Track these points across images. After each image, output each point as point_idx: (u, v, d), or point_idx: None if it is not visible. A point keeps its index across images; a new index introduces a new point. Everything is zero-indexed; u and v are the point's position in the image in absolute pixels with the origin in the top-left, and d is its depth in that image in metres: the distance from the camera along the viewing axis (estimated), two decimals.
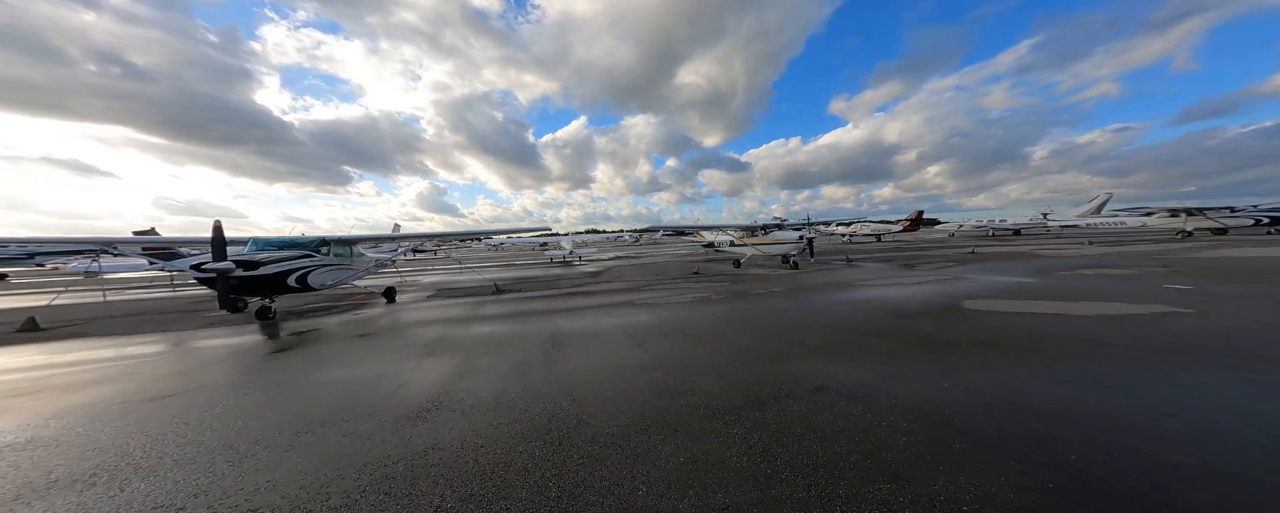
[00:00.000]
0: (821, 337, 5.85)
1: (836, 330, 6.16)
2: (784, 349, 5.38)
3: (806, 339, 5.78)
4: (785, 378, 4.29)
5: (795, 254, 15.31)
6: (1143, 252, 16.43)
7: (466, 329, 7.45)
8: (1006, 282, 10.20)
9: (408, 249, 39.20)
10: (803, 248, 14.89)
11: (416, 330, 7.49)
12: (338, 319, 8.92)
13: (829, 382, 4.12)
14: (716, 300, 9.28)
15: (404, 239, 12.21)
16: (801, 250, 15.11)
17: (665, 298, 10.03)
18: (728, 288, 11.19)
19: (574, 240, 28.64)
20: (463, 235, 12.97)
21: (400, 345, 6.44)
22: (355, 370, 5.17)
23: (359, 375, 4.95)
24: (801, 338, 5.85)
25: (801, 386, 4.07)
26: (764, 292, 10.26)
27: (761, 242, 15.95)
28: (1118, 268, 11.84)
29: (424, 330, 7.47)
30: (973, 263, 14.82)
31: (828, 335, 5.90)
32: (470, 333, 7.13)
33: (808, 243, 14.73)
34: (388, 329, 7.71)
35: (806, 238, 14.62)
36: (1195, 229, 26.43)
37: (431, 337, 6.88)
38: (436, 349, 6.12)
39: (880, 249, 25.62)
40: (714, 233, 21.18)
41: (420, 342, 6.59)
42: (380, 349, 6.26)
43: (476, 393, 4.29)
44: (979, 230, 42.88)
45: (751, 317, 7.45)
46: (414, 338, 6.89)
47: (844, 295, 9.22)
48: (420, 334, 7.16)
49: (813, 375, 4.33)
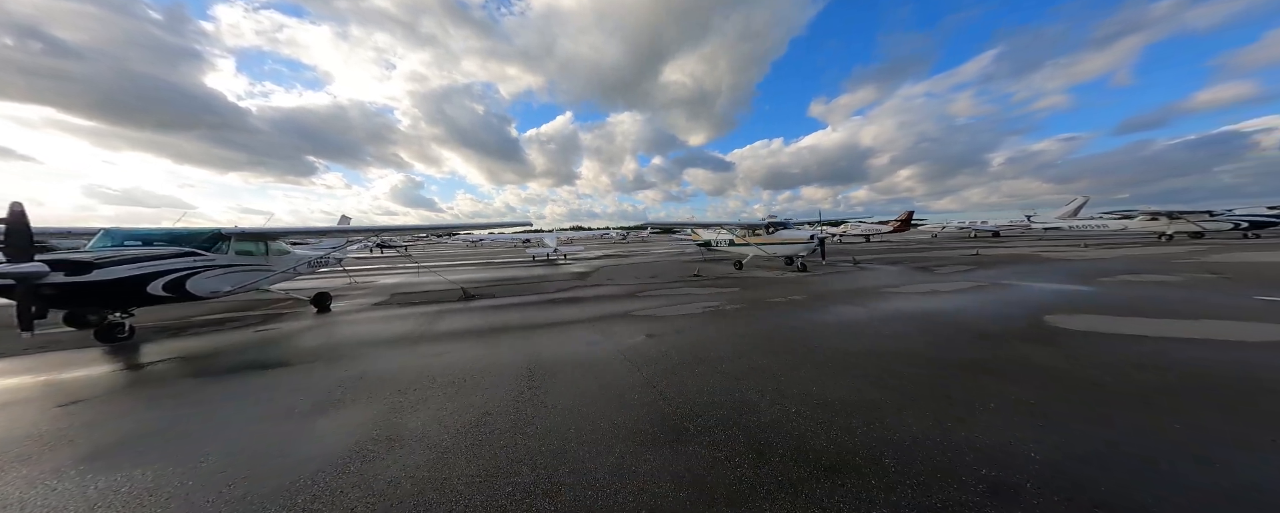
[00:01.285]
0: (904, 371, 4.23)
1: (918, 360, 4.57)
2: (864, 395, 3.73)
3: (885, 375, 4.16)
4: (912, 454, 2.62)
5: (805, 256, 13.89)
6: (1154, 255, 15.80)
7: (410, 356, 5.50)
8: (1061, 290, 8.93)
9: (368, 245, 35.95)
10: (814, 249, 13.48)
11: (337, 358, 5.49)
12: (232, 338, 6.78)
13: (994, 467, 2.47)
14: (733, 313, 7.61)
15: (351, 233, 10.00)
16: (812, 252, 13.71)
17: (669, 308, 8.30)
18: (740, 295, 9.56)
19: (559, 237, 26.56)
20: (429, 229, 10.84)
21: (296, 386, 4.47)
22: (177, 446, 3.20)
23: (175, 454, 2.99)
24: (877, 373, 4.21)
25: (955, 474, 2.41)
26: (784, 301, 8.67)
27: (766, 241, 14.43)
28: (1157, 274, 10.85)
29: (348, 358, 5.48)
30: (991, 266, 13.73)
31: (914, 370, 4.28)
32: (414, 363, 5.20)
33: (819, 244, 13.34)
34: (294, 356, 5.68)
35: (819, 238, 13.22)
36: (1175, 232, 26.63)
37: (352, 372, 4.90)
38: (351, 393, 4.19)
39: (877, 250, 24.68)
40: (711, 231, 19.61)
41: (332, 380, 4.62)
42: (256, 394, 4.29)
43: (386, 492, 2.44)
44: (961, 232, 43.19)
45: (788, 337, 5.80)
46: (327, 372, 4.92)
47: (887, 306, 7.70)
48: (339, 365, 5.18)
49: (951, 448, 2.68)
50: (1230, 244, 20.13)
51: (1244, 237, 25.60)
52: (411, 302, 9.96)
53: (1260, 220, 25.71)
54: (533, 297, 10.46)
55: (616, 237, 63.34)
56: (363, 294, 11.52)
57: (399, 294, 11.37)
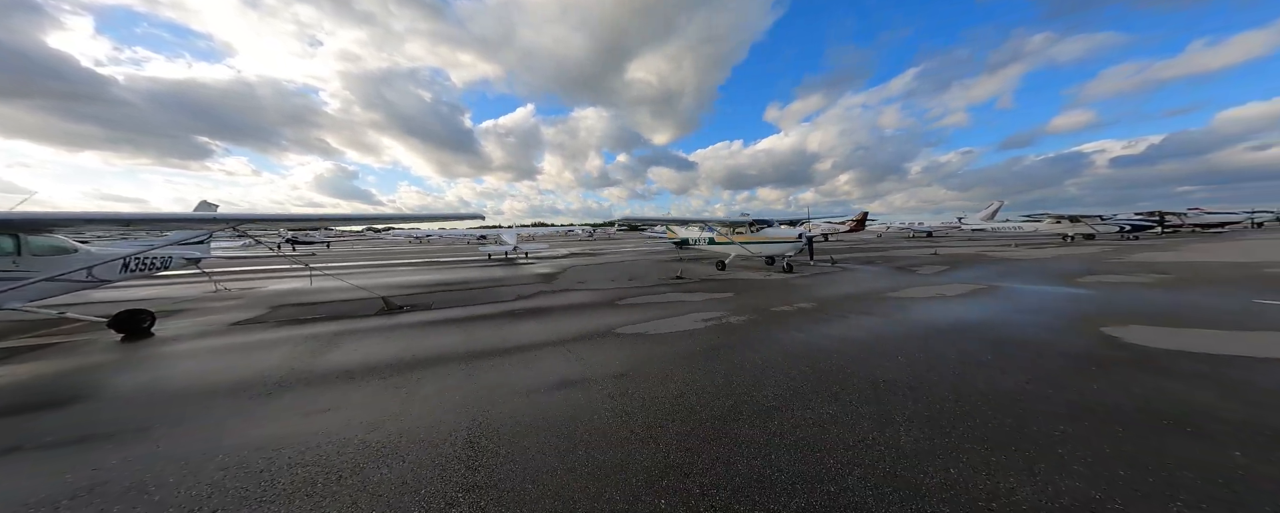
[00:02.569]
0: (1049, 431, 2.72)
1: (1040, 405, 3.07)
2: (1049, 487, 2.22)
3: (1027, 435, 2.67)
4: None
5: (792, 255, 12.87)
6: (1080, 255, 16.47)
7: (259, 418, 3.26)
8: (1065, 293, 8.23)
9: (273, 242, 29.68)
10: (801, 248, 12.49)
11: (97, 428, 3.12)
12: None
13: None
14: (742, 328, 6.03)
15: (201, 223, 6.99)
16: (799, 251, 12.73)
17: (662, 321, 6.55)
18: (738, 302, 8.05)
19: (519, 234, 23.88)
20: (337, 219, 8.15)
21: None
22: None
23: None
24: (1012, 434, 2.67)
25: None
26: (792, 310, 7.28)
27: (750, 240, 13.22)
28: (1116, 274, 10.74)
29: (126, 429, 3.12)
30: (963, 266, 13.53)
31: (1058, 425, 2.78)
32: (256, 436, 3.00)
33: (807, 243, 12.38)
34: (11, 432, 3.21)
35: (807, 237, 12.24)
36: (1075, 234, 29.85)
37: (106, 465, 2.64)
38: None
39: (839, 248, 24.77)
40: (687, 229, 18.21)
41: (35, 490, 2.35)
42: None
43: None
44: (902, 232, 46.42)
45: (834, 367, 4.18)
46: (44, 463, 2.60)
47: (913, 317, 6.41)
48: (91, 448, 2.85)
49: None
50: (1121, 245, 22.27)
51: (1125, 238, 29.17)
52: (298, 319, 7.30)
53: (1139, 225, 30.34)
54: (483, 307, 8.24)
55: (582, 234, 60.58)
56: (225, 308, 8.55)
57: (284, 306, 8.58)
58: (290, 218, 6.88)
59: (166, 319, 7.35)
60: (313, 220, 8.24)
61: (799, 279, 11.06)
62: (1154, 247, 19.97)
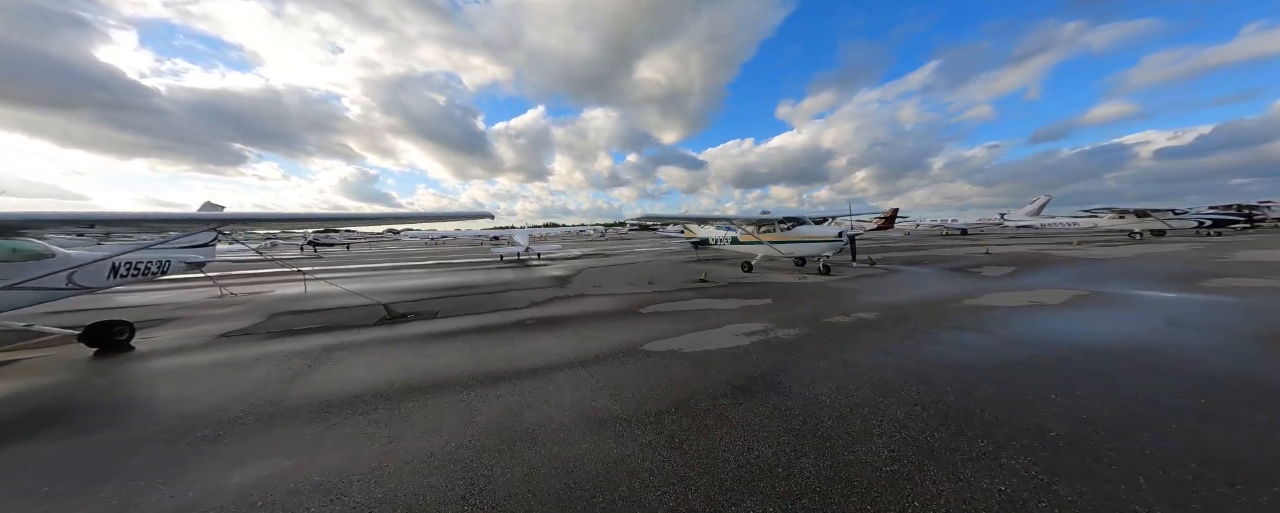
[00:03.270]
0: None
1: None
2: None
3: None
4: None
5: (831, 256, 11.56)
6: (1170, 253, 14.79)
7: (168, 483, 2.46)
8: (1202, 301, 6.83)
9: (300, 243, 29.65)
10: (841, 248, 11.25)
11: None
12: None
13: None
14: (798, 345, 5.00)
15: (202, 224, 6.37)
16: (839, 251, 11.45)
17: (697, 336, 5.56)
18: (780, 310, 6.99)
19: (531, 234, 23.23)
20: (344, 219, 7.44)
21: None
22: None
23: None
24: None
25: None
26: (851, 320, 6.20)
27: (781, 239, 12.08)
28: (1240, 277, 9.24)
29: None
30: (1032, 267, 12.06)
31: None
32: (182, 497, 2.19)
33: (849, 242, 11.07)
34: None
35: (848, 236, 10.95)
36: (1142, 230, 27.25)
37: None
38: None
39: (870, 247, 23.31)
40: (706, 227, 17.16)
41: None
42: None
43: None
44: (934, 229, 44.10)
45: (950, 409, 3.16)
46: None
47: (1025, 332, 5.26)
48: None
49: None
50: (1209, 242, 20.14)
51: (1206, 234, 26.56)
52: (292, 329, 6.62)
53: (1221, 219, 27.32)
54: (492, 316, 7.42)
55: (594, 234, 60.01)
56: (219, 316, 7.95)
57: (281, 314, 7.93)
58: (275, 218, 6.19)
59: (152, 330, 6.78)
60: (304, 220, 7.58)
61: (841, 283, 9.92)
62: (1250, 243, 17.48)
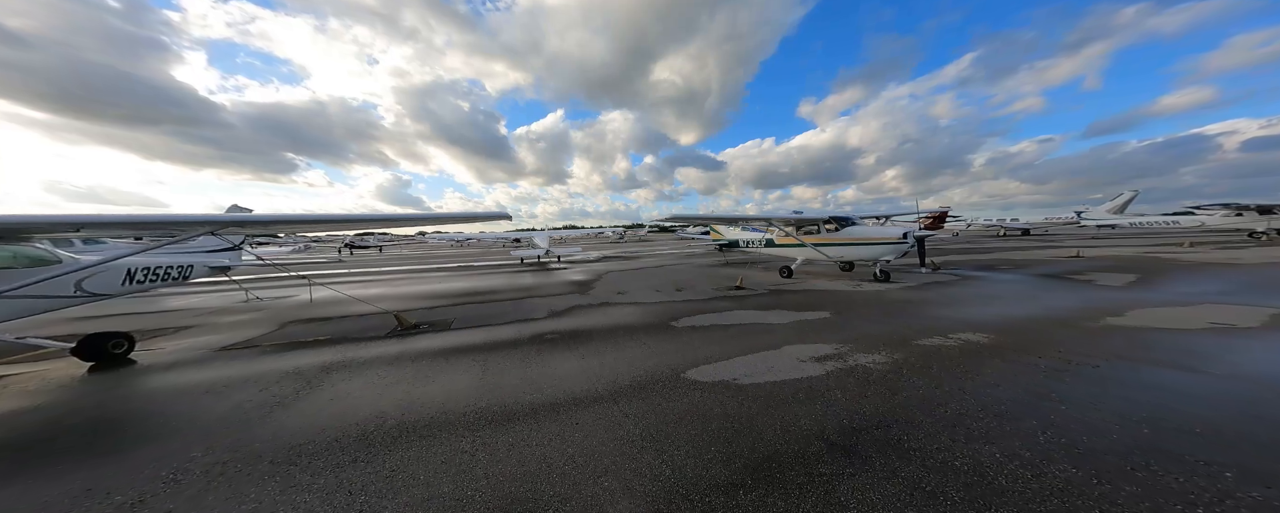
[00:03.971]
0: None
1: None
2: None
3: None
4: None
5: (893, 260, 10.00)
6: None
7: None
8: None
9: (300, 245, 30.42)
10: (905, 251, 9.65)
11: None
12: None
13: None
14: (895, 377, 3.94)
15: (219, 225, 5.91)
16: (902, 255, 9.83)
17: (752, 361, 4.60)
18: (848, 327, 5.87)
19: (551, 237, 22.80)
20: (345, 221, 6.93)
21: None
22: None
23: None
24: None
25: None
26: (956, 343, 5.00)
27: (827, 241, 10.80)
28: None
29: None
30: (1152, 273, 10.23)
31: None
32: None
33: (917, 244, 9.46)
34: None
35: (915, 237, 9.42)
36: (1268, 230, 23.17)
37: None
38: None
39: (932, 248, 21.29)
40: (733, 228, 16.06)
41: None
42: None
43: None
44: (989, 230, 40.75)
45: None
46: None
47: (1258, 369, 4.00)
48: None
49: None
50: None
51: None
52: (298, 341, 6.13)
53: None
54: (509, 329, 6.73)
55: (613, 236, 59.56)
56: (230, 325, 7.58)
57: (293, 323, 7.52)
58: (282, 221, 5.72)
59: (158, 340, 6.49)
60: (315, 222, 7.13)
61: (909, 292, 8.62)
62: None
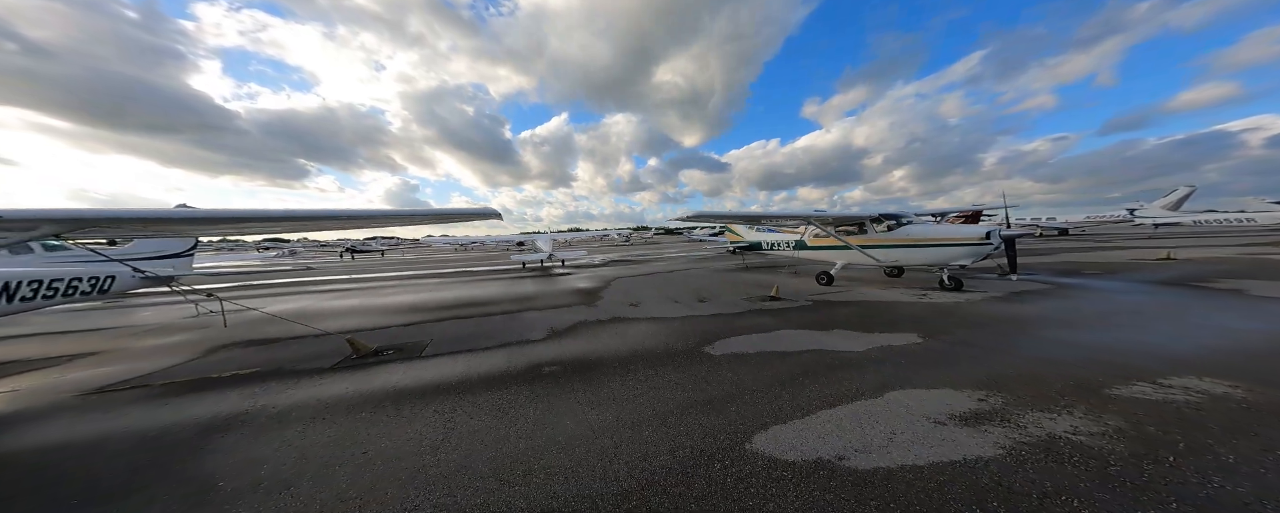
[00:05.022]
0: None
1: None
2: None
3: None
4: None
5: (969, 264, 8.02)
6: None
7: None
8: None
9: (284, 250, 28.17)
10: (989, 253, 7.66)
11: None
12: None
13: None
14: (1137, 464, 2.45)
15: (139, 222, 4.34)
16: (981, 259, 7.82)
17: (842, 414, 3.03)
18: (969, 361, 4.22)
19: (555, 240, 21.36)
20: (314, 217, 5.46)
21: None
22: None
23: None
24: None
25: None
26: (1199, 396, 3.47)
27: (878, 242, 8.98)
28: None
29: None
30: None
31: None
32: None
33: (1006, 246, 7.57)
34: None
35: (1001, 235, 7.50)
36: None
37: None
38: None
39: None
40: (756, 228, 14.50)
41: None
42: None
43: None
44: (1026, 229, 38.75)
45: None
46: None
47: None
48: None
49: None
50: None
51: None
52: (212, 376, 4.62)
53: None
54: (496, 356, 5.20)
55: (619, 238, 58.08)
56: (148, 350, 6.12)
57: (228, 347, 5.99)
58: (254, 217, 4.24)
59: (27, 374, 5.00)
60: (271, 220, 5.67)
61: (1002, 305, 6.88)
62: None
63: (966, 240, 7.85)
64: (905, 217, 8.95)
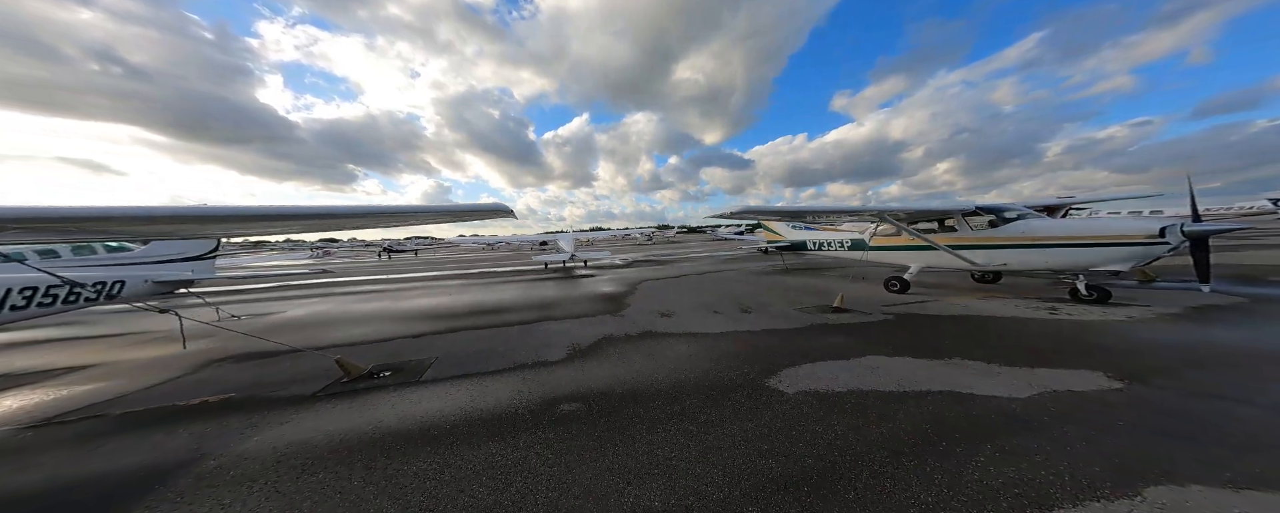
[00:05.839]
0: None
1: None
2: None
3: None
4: None
5: (1124, 270, 6.17)
6: None
7: None
8: None
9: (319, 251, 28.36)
10: (1156, 257, 5.84)
11: None
12: None
13: None
14: None
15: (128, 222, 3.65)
16: (1145, 263, 6.06)
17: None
18: (1213, 425, 2.92)
19: (577, 239, 20.61)
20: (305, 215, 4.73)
21: None
22: None
23: None
24: None
25: None
26: None
27: (976, 242, 7.30)
28: None
29: None
30: None
31: None
32: None
33: (1193, 246, 5.54)
34: None
35: (1188, 234, 5.53)
36: None
37: None
38: None
39: None
40: (794, 226, 13.01)
41: None
42: None
43: None
44: (1232, 223, 34.06)
45: None
46: None
47: None
48: None
49: None
50: None
51: None
52: (175, 405, 3.89)
53: None
54: (507, 380, 4.24)
55: (641, 237, 57.14)
56: (151, 363, 5.60)
57: (225, 362, 5.35)
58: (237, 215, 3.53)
59: (32, 388, 4.58)
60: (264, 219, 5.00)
61: (1196, 327, 5.09)
62: None
63: (1128, 239, 5.91)
64: (1013, 210, 7.24)
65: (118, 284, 6.46)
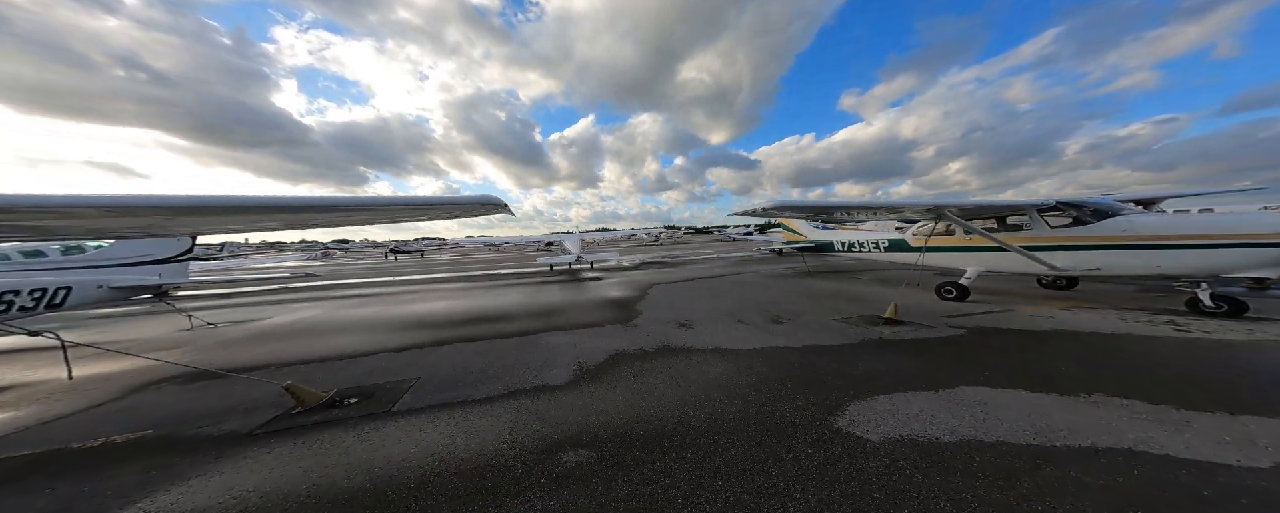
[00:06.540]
0: None
1: None
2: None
3: None
4: None
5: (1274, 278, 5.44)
6: None
7: None
8: None
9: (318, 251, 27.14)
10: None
11: None
12: None
13: None
14: None
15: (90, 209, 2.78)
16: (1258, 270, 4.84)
17: None
18: None
19: (583, 240, 19.79)
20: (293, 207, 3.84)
21: None
22: None
23: None
24: None
25: None
26: None
27: (1058, 243, 6.27)
28: None
29: None
30: None
31: None
32: None
33: None
34: None
35: None
36: None
37: None
38: None
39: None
40: (818, 225, 11.99)
41: None
42: None
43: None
44: None
45: None
46: None
47: None
48: None
49: None
50: None
51: None
52: (67, 451, 3.00)
53: None
54: (497, 413, 3.34)
55: (647, 238, 56.18)
56: (72, 388, 4.80)
57: (148, 387, 4.45)
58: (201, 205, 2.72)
59: None
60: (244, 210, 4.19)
61: None
62: None
63: (1263, 233, 4.80)
64: (1104, 206, 6.08)
65: (62, 291, 5.65)
